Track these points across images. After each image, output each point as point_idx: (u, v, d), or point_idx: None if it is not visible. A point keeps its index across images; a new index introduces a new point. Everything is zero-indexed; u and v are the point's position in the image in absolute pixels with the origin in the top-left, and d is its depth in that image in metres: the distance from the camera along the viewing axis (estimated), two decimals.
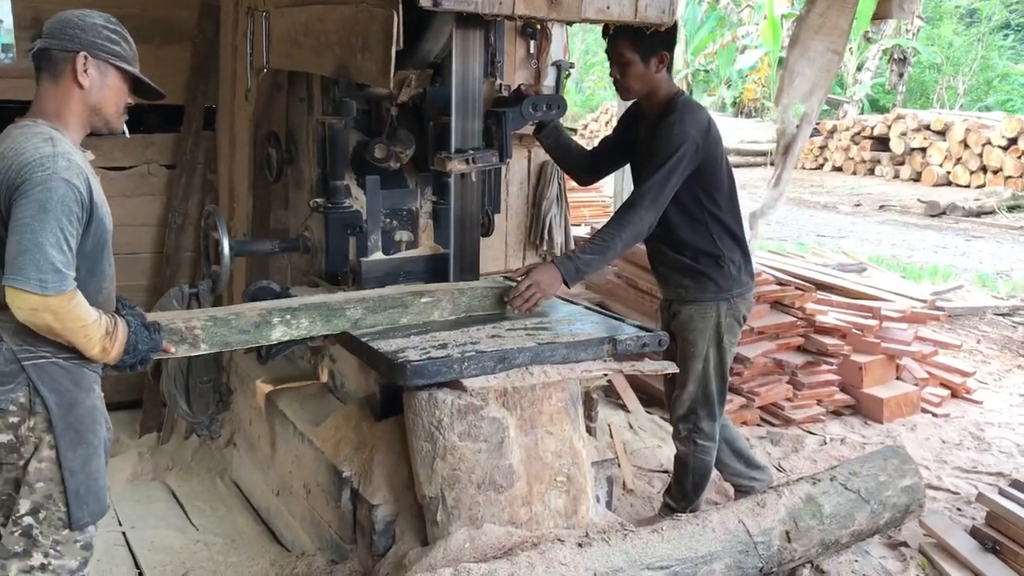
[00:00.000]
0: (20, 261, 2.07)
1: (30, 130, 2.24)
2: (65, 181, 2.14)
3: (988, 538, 3.42)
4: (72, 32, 2.31)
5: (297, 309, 2.85)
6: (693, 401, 3.44)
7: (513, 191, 4.29)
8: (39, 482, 2.27)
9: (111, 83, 2.38)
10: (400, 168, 3.40)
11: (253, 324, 2.78)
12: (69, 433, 2.27)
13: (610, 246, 3.14)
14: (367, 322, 2.96)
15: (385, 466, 2.94)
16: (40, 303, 2.09)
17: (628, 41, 3.15)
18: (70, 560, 2.34)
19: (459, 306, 3.15)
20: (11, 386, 2.21)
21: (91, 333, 2.20)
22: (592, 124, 23.36)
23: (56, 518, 2.29)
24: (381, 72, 2.63)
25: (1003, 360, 6.39)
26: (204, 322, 2.69)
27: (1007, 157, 14.57)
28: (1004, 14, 24.05)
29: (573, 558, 2.58)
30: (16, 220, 2.11)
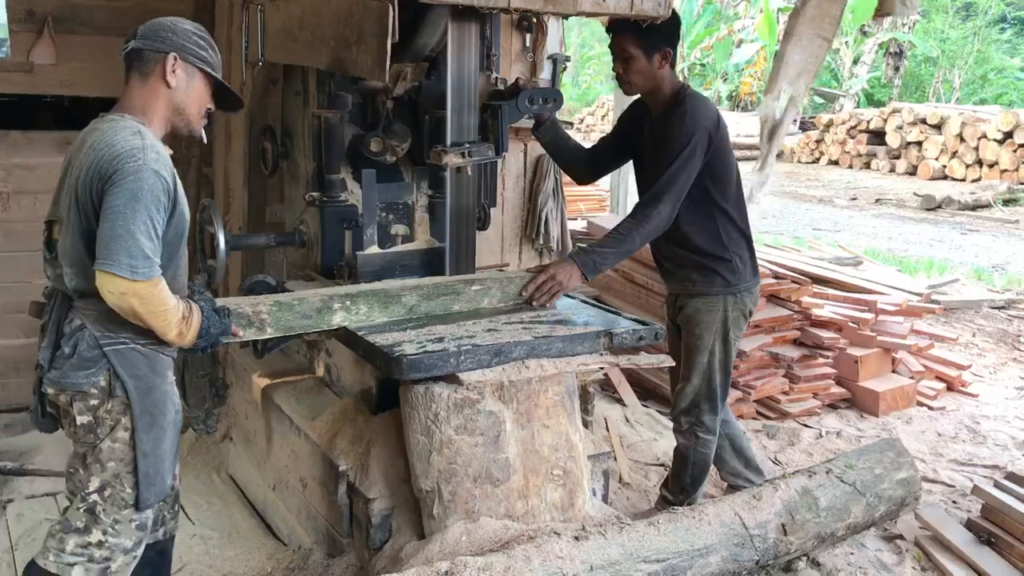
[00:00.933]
0: (113, 247, 2.17)
1: (118, 124, 2.33)
2: (154, 172, 2.24)
3: (983, 530, 3.43)
4: (164, 35, 2.43)
5: (356, 295, 2.92)
6: (697, 394, 3.44)
7: (509, 185, 4.30)
8: (110, 461, 2.37)
9: (196, 86, 2.48)
10: (396, 162, 3.40)
11: (315, 309, 2.84)
12: (144, 417, 2.38)
13: (628, 240, 3.15)
14: (422, 309, 3.02)
15: (381, 460, 2.94)
16: (129, 287, 2.18)
17: (631, 36, 3.14)
18: (125, 540, 2.43)
19: (508, 294, 3.18)
20: (93, 370, 2.32)
21: (170, 318, 2.29)
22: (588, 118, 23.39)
23: (120, 498, 2.39)
24: (377, 65, 2.62)
25: (998, 353, 6.40)
26: (270, 307, 2.76)
27: (1003, 151, 14.60)
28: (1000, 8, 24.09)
29: (569, 551, 2.59)
30: (108, 208, 2.20)
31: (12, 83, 4.16)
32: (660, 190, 3.12)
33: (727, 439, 3.68)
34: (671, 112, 3.19)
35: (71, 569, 2.38)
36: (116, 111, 2.41)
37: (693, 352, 3.41)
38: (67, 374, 2.34)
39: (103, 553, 2.40)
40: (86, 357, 2.33)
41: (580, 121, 23.37)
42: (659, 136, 3.22)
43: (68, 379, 2.34)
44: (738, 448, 3.72)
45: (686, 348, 3.44)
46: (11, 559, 3.35)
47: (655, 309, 5.05)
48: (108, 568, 2.42)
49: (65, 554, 2.38)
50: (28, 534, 3.50)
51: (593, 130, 22.69)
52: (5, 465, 3.92)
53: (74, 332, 2.35)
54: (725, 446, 3.68)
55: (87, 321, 2.34)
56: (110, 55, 4.28)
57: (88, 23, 4.24)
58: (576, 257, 3.14)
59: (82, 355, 2.33)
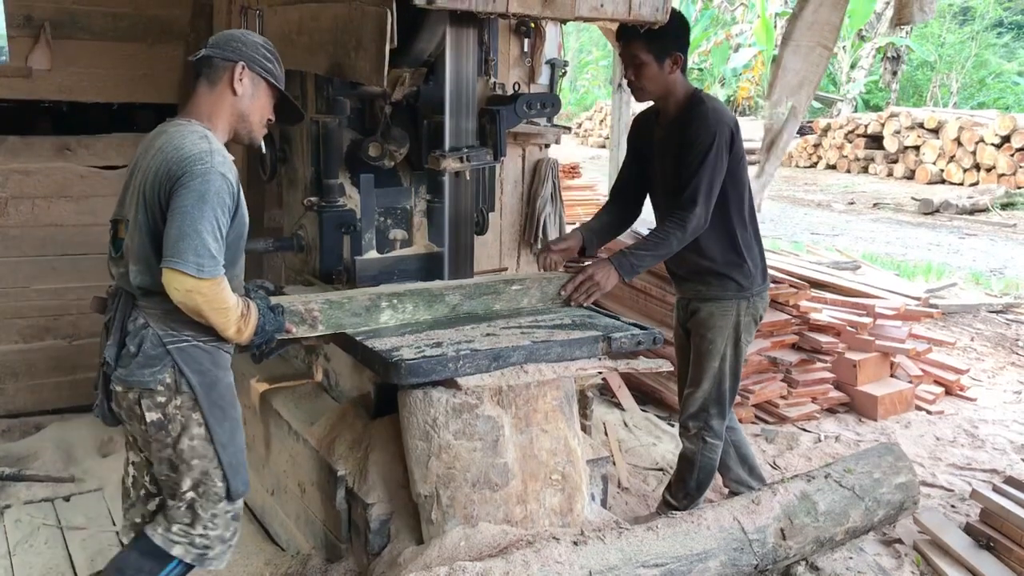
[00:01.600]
0: (181, 246, 2.24)
1: (185, 128, 2.43)
2: (221, 175, 2.32)
3: (982, 535, 3.43)
4: (235, 45, 2.52)
5: (403, 294, 2.98)
6: (706, 399, 3.44)
7: (507, 189, 4.30)
8: (194, 459, 2.48)
9: (260, 96, 2.58)
10: (394, 167, 3.40)
11: (364, 308, 2.90)
12: (215, 410, 2.47)
13: (665, 244, 3.16)
14: (464, 308, 3.08)
15: (380, 465, 2.94)
16: (195, 285, 2.26)
17: (642, 42, 3.15)
18: (224, 531, 2.57)
19: (546, 294, 3.23)
20: (158, 368, 2.40)
21: (231, 315, 2.38)
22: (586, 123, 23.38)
23: (213, 492, 2.52)
24: (375, 70, 2.62)
25: (996, 357, 6.41)
26: (321, 305, 2.81)
27: (1000, 155, 14.61)
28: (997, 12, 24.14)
29: (568, 556, 2.58)
30: (176, 208, 2.28)
31: (10, 88, 4.16)
32: (694, 193, 3.12)
33: (732, 446, 3.68)
34: (688, 115, 3.20)
35: (173, 547, 2.52)
36: (183, 116, 2.51)
37: (704, 357, 3.40)
38: (133, 372, 2.41)
39: (202, 542, 2.55)
40: (151, 355, 2.40)
41: (578, 126, 23.38)
42: (676, 140, 3.22)
43: (134, 377, 2.41)
44: (743, 455, 3.72)
45: (697, 353, 3.44)
46: (8, 564, 3.35)
47: (654, 313, 5.06)
48: (205, 555, 2.56)
49: (171, 533, 2.52)
50: (25, 540, 3.49)
51: (591, 134, 22.70)
52: (3, 471, 3.91)
53: (139, 330, 2.42)
54: (730, 452, 3.68)
55: (151, 320, 2.41)
56: (108, 60, 4.33)
57: (86, 29, 4.25)
58: (614, 259, 3.18)
59: (147, 353, 2.40)
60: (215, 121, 2.51)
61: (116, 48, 4.33)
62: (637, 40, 3.14)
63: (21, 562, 3.35)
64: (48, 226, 4.31)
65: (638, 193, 3.56)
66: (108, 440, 4.22)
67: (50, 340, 4.45)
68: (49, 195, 4.30)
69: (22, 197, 4.24)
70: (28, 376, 4.43)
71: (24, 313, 4.37)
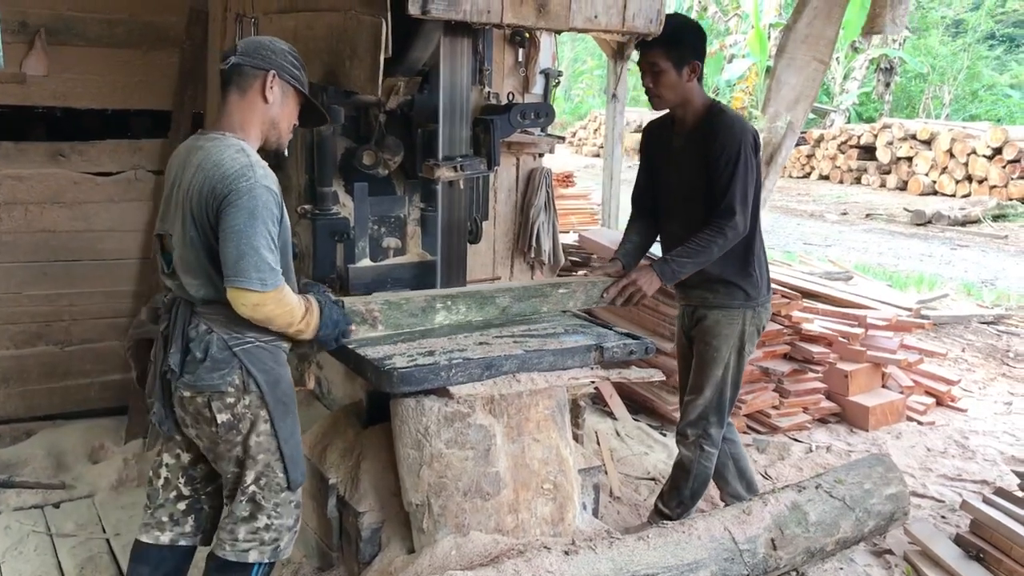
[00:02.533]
0: (241, 265, 2.34)
1: (222, 142, 2.47)
2: (266, 188, 2.40)
3: (972, 546, 3.44)
4: (264, 53, 2.56)
5: (456, 297, 3.08)
6: (707, 407, 3.45)
7: (501, 198, 4.31)
8: (260, 454, 2.56)
9: (288, 103, 2.63)
10: (388, 175, 3.40)
11: (420, 309, 3.00)
12: (279, 407, 2.55)
13: (706, 250, 3.20)
14: (513, 310, 3.17)
15: (371, 473, 2.94)
16: (261, 299, 2.38)
17: (661, 50, 3.19)
18: (287, 519, 2.64)
19: (591, 297, 3.30)
20: (226, 370, 2.48)
21: (295, 316, 2.50)
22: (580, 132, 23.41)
23: (275, 483, 2.59)
24: (369, 79, 2.63)
25: (987, 368, 6.43)
26: (381, 306, 2.92)
27: (992, 166, 14.68)
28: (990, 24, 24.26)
29: (559, 566, 2.59)
30: (229, 228, 2.36)
31: (4, 94, 4.16)
32: (731, 201, 3.16)
33: (732, 459, 3.68)
34: (710, 125, 3.23)
35: (247, 554, 2.59)
36: (216, 129, 2.55)
37: (708, 365, 3.42)
38: (202, 376, 2.47)
39: (271, 535, 2.61)
40: (218, 359, 2.47)
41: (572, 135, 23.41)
42: (698, 149, 3.25)
43: (204, 381, 2.47)
44: (741, 469, 3.73)
45: (700, 360, 3.45)
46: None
47: (646, 323, 5.07)
48: (278, 547, 2.63)
49: (239, 543, 2.59)
50: (15, 547, 3.48)
51: (585, 144, 22.73)
52: None
53: (202, 336, 2.48)
54: (729, 466, 3.68)
55: (214, 325, 2.48)
56: (103, 67, 4.33)
57: (81, 35, 4.25)
58: (656, 265, 3.25)
59: (214, 357, 2.47)
60: (248, 130, 2.56)
61: (111, 54, 4.33)
62: (656, 48, 3.19)
63: (10, 569, 3.34)
64: (41, 232, 4.31)
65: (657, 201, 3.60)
66: (99, 447, 4.21)
67: (42, 346, 4.44)
68: (42, 201, 4.29)
69: (15, 203, 4.24)
70: (19, 382, 4.42)
71: (16, 319, 4.36)
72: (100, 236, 4.41)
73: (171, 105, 4.47)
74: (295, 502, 2.66)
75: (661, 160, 3.46)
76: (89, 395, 4.53)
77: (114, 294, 4.51)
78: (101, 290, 4.48)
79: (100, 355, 4.53)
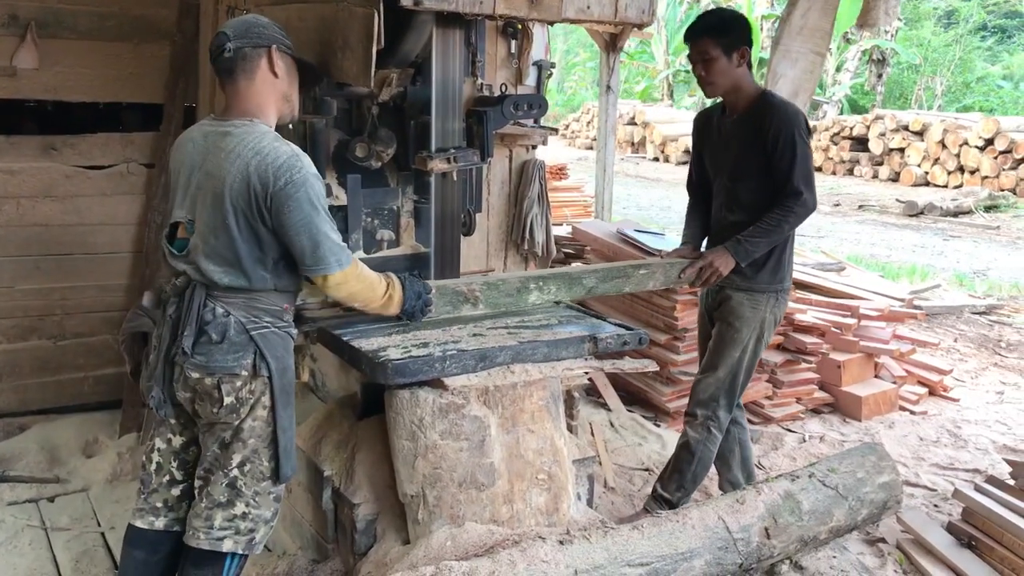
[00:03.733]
0: (319, 253, 2.45)
1: (253, 129, 2.48)
2: (314, 175, 2.46)
3: (964, 534, 3.46)
4: (257, 31, 2.54)
5: (547, 278, 3.19)
6: (719, 387, 3.47)
7: (494, 190, 4.30)
8: (251, 438, 2.54)
9: (292, 71, 2.63)
10: (381, 167, 3.40)
11: (515, 289, 3.09)
12: (283, 395, 2.56)
13: (778, 229, 3.28)
14: (599, 290, 3.31)
15: (366, 465, 2.94)
16: (343, 277, 2.52)
17: (710, 38, 3.27)
18: (266, 511, 2.61)
19: (669, 278, 3.42)
20: (242, 353, 2.49)
21: (377, 288, 2.66)
22: (574, 124, 23.38)
23: (258, 471, 2.57)
24: (362, 71, 2.63)
25: (980, 358, 6.46)
26: (481, 286, 3.02)
27: (984, 157, 14.72)
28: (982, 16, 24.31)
29: (554, 556, 2.59)
30: (297, 223, 2.42)
31: None
32: (796, 181, 3.24)
33: (739, 445, 3.71)
34: (762, 110, 3.30)
35: (221, 543, 2.55)
36: (234, 116, 2.53)
37: (727, 345, 3.45)
38: (216, 358, 2.47)
39: (248, 525, 2.58)
40: (235, 341, 2.48)
41: (565, 127, 23.38)
42: (750, 133, 3.32)
43: (218, 363, 2.47)
44: (746, 457, 3.75)
45: (719, 340, 3.48)
46: None
47: (640, 315, 5.07)
48: (253, 539, 2.60)
49: (214, 530, 2.55)
50: (10, 541, 3.48)
51: (578, 136, 22.71)
52: None
53: (219, 319, 2.48)
54: (736, 451, 3.71)
55: (232, 309, 2.49)
56: (94, 60, 4.31)
57: (72, 28, 4.23)
58: (730, 246, 3.32)
59: (232, 340, 2.47)
60: (266, 112, 2.56)
61: (102, 47, 4.31)
62: (706, 36, 3.28)
63: (5, 563, 3.34)
64: (33, 226, 4.29)
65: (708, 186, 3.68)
66: (93, 441, 4.21)
67: (35, 340, 4.43)
68: (34, 195, 4.28)
69: (7, 197, 4.22)
70: (12, 376, 4.41)
71: (8, 313, 4.35)
72: (92, 230, 4.39)
73: (163, 98, 4.46)
74: (275, 495, 2.63)
75: (712, 145, 3.53)
76: (83, 389, 4.52)
77: (107, 288, 4.49)
78: (94, 284, 4.46)
79: (93, 349, 4.52)
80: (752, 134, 3.31)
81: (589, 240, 5.64)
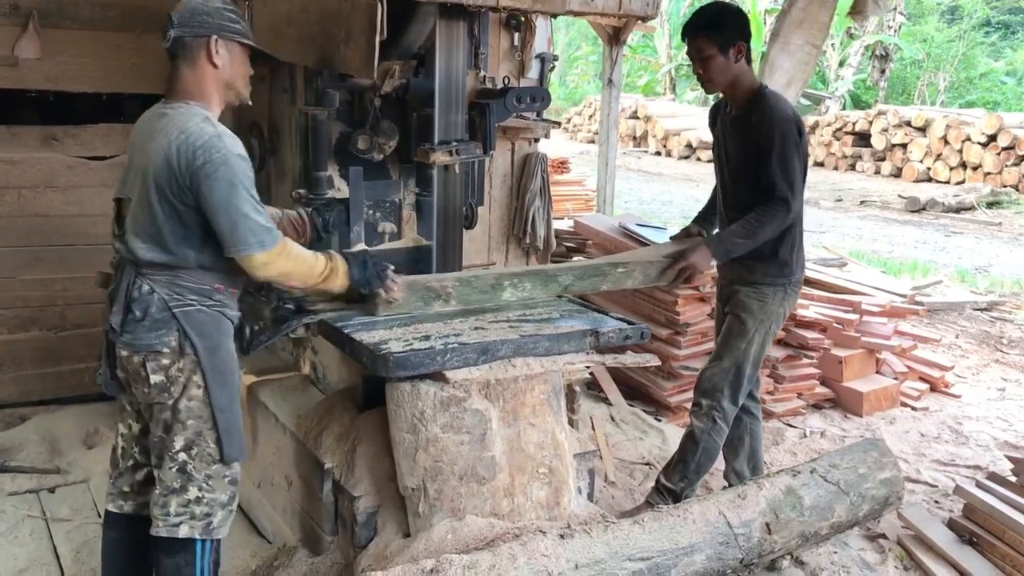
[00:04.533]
0: (237, 233, 2.40)
1: (186, 111, 2.49)
2: (238, 156, 2.44)
3: (965, 530, 3.45)
4: (200, 19, 2.54)
5: (522, 275, 3.14)
6: (722, 378, 3.48)
7: (496, 183, 4.29)
8: (189, 419, 2.54)
9: (237, 59, 2.62)
10: (383, 159, 3.39)
11: (489, 286, 3.04)
12: (215, 374, 2.54)
13: (758, 231, 3.27)
14: (575, 288, 3.23)
15: (367, 458, 2.94)
16: (266, 257, 2.44)
17: (705, 36, 3.26)
18: (221, 494, 2.60)
19: (648, 276, 3.35)
20: (164, 331, 2.48)
21: (315, 266, 2.58)
22: (576, 118, 23.33)
23: (206, 453, 2.56)
24: (365, 63, 2.62)
25: (981, 355, 6.45)
26: (453, 283, 2.97)
27: (986, 153, 14.69)
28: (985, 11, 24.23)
29: (555, 549, 2.59)
30: (215, 202, 2.39)
31: None
32: (781, 186, 3.22)
33: (749, 435, 3.72)
34: (754, 108, 3.30)
35: (178, 529, 2.55)
36: (176, 99, 2.55)
37: (734, 336, 3.47)
38: (140, 336, 2.48)
39: (203, 509, 2.57)
40: (157, 319, 2.47)
41: (567, 121, 23.33)
42: (743, 132, 3.33)
43: (141, 340, 2.48)
44: (754, 449, 3.76)
45: (727, 331, 3.50)
46: None
47: (642, 309, 5.07)
48: (210, 523, 2.59)
49: (170, 517, 2.55)
50: (10, 531, 3.48)
51: (580, 129, 22.67)
52: None
53: (144, 297, 2.48)
54: (744, 442, 3.72)
55: (156, 286, 2.48)
56: (96, 50, 4.30)
57: (74, 18, 4.21)
58: (711, 244, 3.35)
59: (153, 317, 2.47)
60: (207, 98, 2.56)
61: (104, 37, 4.30)
62: (700, 35, 3.27)
63: (5, 553, 3.34)
64: (34, 216, 4.29)
65: None
66: (94, 432, 4.20)
67: (36, 331, 4.43)
68: (35, 185, 4.27)
69: (8, 187, 4.22)
70: (13, 367, 4.40)
71: (9, 303, 4.34)
72: (94, 220, 4.38)
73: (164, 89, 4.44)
74: (230, 478, 2.62)
75: (715, 141, 3.55)
76: (83, 380, 4.51)
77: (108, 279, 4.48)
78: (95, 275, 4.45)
79: (94, 340, 4.46)
80: (747, 132, 3.31)
81: (591, 234, 5.63)
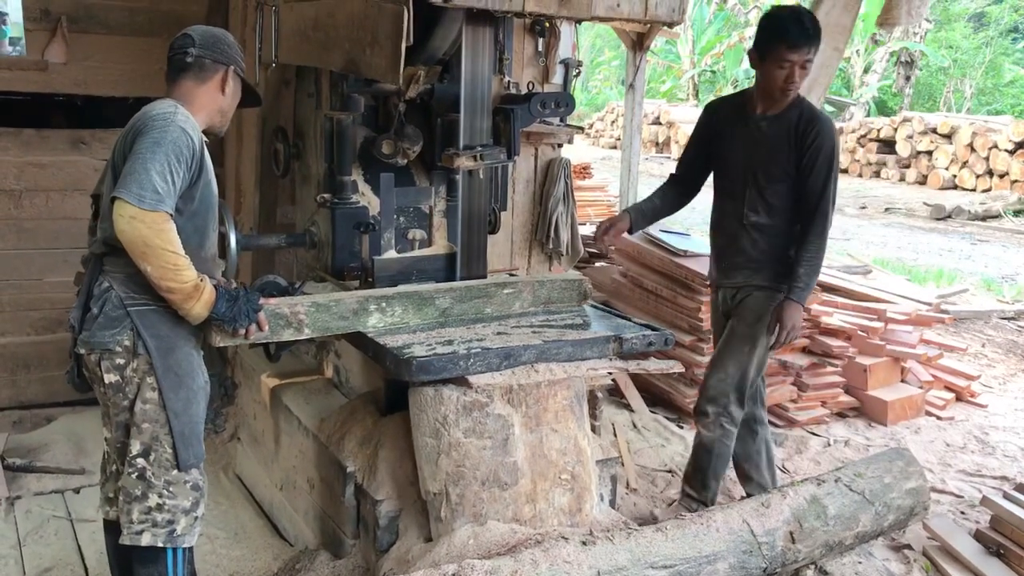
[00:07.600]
0: (127, 180, 2.30)
1: (163, 102, 2.51)
2: (181, 129, 2.40)
3: (992, 542, 3.41)
4: (223, 48, 2.63)
5: (392, 297, 2.94)
6: (727, 384, 3.48)
7: (519, 189, 4.29)
8: (145, 423, 2.50)
9: (237, 93, 2.71)
10: (407, 165, 3.39)
11: (351, 311, 2.86)
12: (169, 376, 2.49)
13: (819, 258, 3.36)
14: (455, 311, 3.03)
15: (389, 462, 2.94)
16: (135, 212, 2.27)
17: (816, 44, 3.23)
18: (183, 500, 2.55)
19: (539, 297, 3.21)
20: (117, 329, 2.45)
21: (180, 264, 2.34)
22: (598, 123, 23.33)
23: (164, 459, 2.52)
24: (390, 68, 2.62)
25: (1008, 364, 6.38)
26: (308, 308, 2.76)
27: (1013, 161, 14.55)
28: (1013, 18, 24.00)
29: (577, 556, 2.58)
30: (133, 151, 2.35)
31: (26, 81, 4.18)
32: (825, 206, 3.28)
33: (765, 446, 3.72)
34: (803, 117, 3.29)
35: (140, 537, 2.51)
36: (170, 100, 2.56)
37: (737, 341, 3.46)
38: (95, 334, 2.46)
39: (165, 516, 2.52)
40: (111, 316, 2.45)
41: (590, 126, 23.34)
42: (786, 136, 3.30)
43: (96, 338, 2.46)
44: (771, 458, 3.76)
45: (730, 336, 3.49)
46: (19, 555, 3.36)
47: (664, 315, 5.05)
48: (173, 531, 2.54)
49: (133, 524, 2.51)
50: (36, 531, 3.51)
51: (602, 135, 22.65)
52: (14, 462, 3.93)
53: (102, 294, 2.46)
54: (763, 454, 3.71)
55: (114, 283, 2.46)
56: (123, 55, 4.35)
57: (102, 23, 4.27)
58: (794, 296, 3.33)
59: (108, 315, 2.45)
60: (198, 112, 2.58)
61: (132, 42, 4.35)
62: (814, 42, 3.22)
63: (31, 553, 3.37)
64: (62, 219, 4.33)
65: (699, 177, 3.66)
66: None
67: (62, 332, 4.45)
68: (63, 188, 4.32)
69: (36, 190, 4.26)
70: (40, 368, 4.45)
71: (37, 305, 4.39)
72: None
73: None
74: (191, 483, 2.56)
75: (731, 138, 3.48)
76: None
77: None
78: None
79: None
80: (788, 137, 3.28)
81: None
